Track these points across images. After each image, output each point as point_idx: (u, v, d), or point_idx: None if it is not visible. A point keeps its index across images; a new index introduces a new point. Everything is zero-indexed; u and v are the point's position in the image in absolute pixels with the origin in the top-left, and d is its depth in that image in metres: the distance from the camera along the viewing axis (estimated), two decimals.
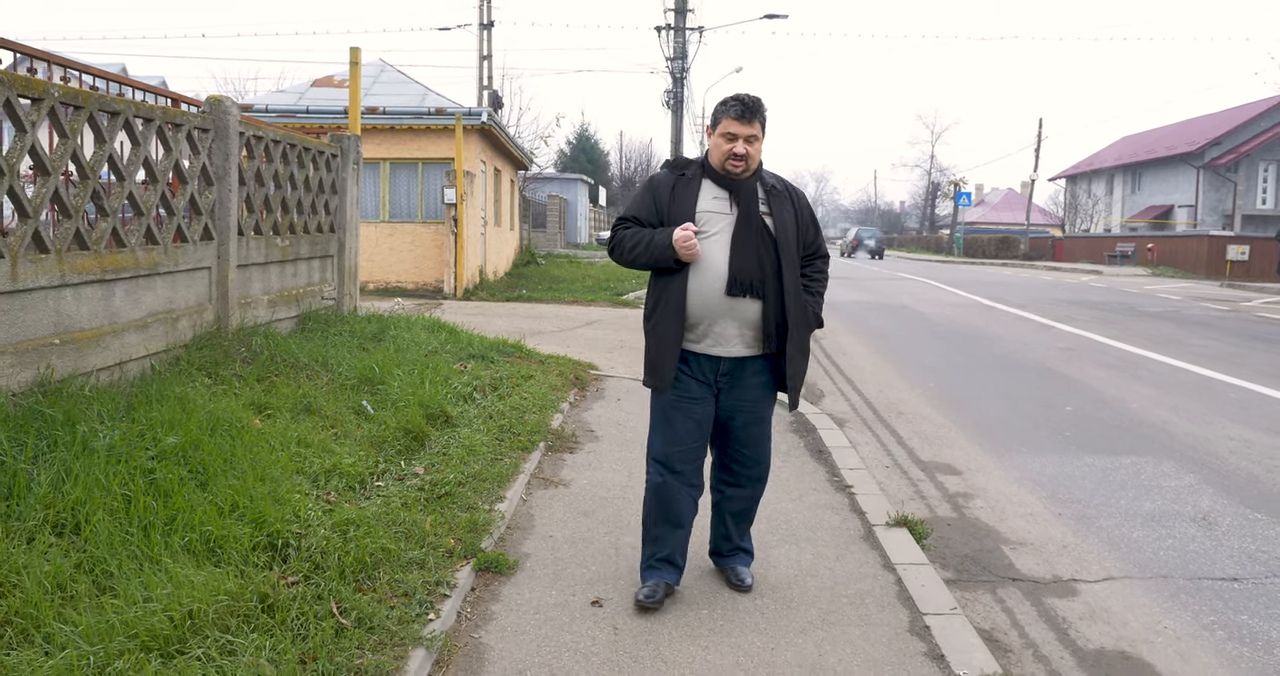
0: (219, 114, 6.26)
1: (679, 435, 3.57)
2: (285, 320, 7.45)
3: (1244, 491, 5.67)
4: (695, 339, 3.52)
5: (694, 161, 3.64)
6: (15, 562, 2.86)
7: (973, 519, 5.14)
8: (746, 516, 3.85)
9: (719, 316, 3.47)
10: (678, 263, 3.43)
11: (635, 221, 3.59)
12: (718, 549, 3.90)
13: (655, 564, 3.65)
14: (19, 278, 4.27)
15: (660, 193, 3.56)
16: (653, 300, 3.56)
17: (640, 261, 3.51)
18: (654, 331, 3.54)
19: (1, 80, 4.10)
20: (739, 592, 3.75)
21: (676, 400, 3.56)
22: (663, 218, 3.53)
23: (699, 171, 3.57)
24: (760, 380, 3.59)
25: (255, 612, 2.95)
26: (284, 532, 3.52)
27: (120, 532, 3.21)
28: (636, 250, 3.50)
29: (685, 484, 3.62)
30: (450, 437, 5.46)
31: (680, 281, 3.45)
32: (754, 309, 3.47)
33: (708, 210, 3.49)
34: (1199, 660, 3.55)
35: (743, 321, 3.48)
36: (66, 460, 3.51)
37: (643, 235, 3.51)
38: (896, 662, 3.24)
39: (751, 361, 3.56)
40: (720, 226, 3.47)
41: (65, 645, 2.56)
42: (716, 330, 3.49)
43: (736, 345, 3.51)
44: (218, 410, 4.59)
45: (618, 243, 3.60)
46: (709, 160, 3.57)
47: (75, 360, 4.66)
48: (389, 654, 2.95)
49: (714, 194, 3.52)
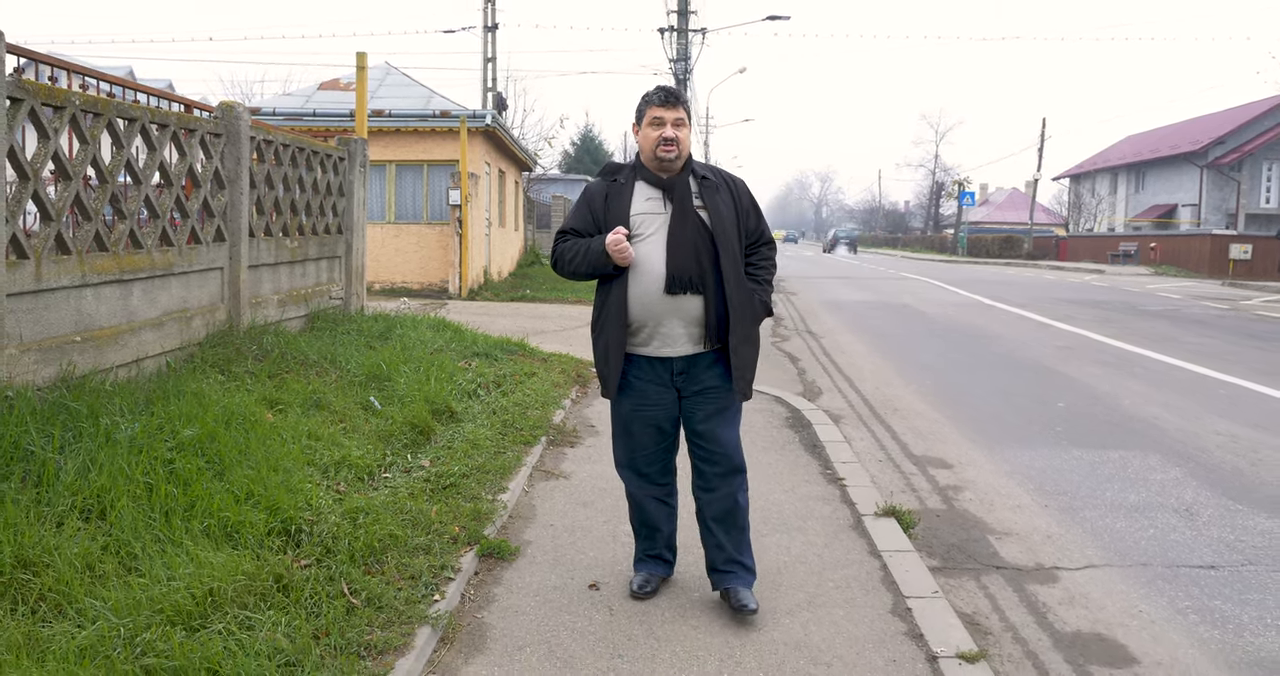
0: (231, 119, 6.46)
1: (640, 441, 3.61)
2: (295, 319, 7.64)
3: (1227, 484, 5.83)
4: (642, 342, 3.50)
5: (626, 165, 3.63)
6: (47, 544, 3.05)
7: (961, 510, 5.30)
8: (733, 520, 3.63)
9: (663, 316, 3.45)
10: (616, 268, 3.43)
11: (574, 233, 3.58)
12: (713, 563, 3.68)
13: (645, 558, 3.80)
14: (43, 278, 4.47)
15: (595, 201, 3.56)
16: (597, 309, 3.57)
17: (581, 271, 3.51)
18: (599, 339, 3.55)
19: (27, 90, 4.30)
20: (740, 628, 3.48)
21: (634, 408, 3.57)
22: (599, 226, 3.52)
23: (631, 174, 3.57)
24: (716, 373, 3.55)
25: (271, 592, 3.14)
26: (297, 519, 3.71)
27: (143, 517, 3.40)
28: (576, 261, 3.51)
29: (652, 484, 3.68)
30: (455, 432, 5.65)
31: (620, 286, 3.45)
32: (695, 304, 3.44)
33: (642, 212, 3.49)
34: (1170, 642, 3.71)
35: (686, 319, 3.46)
36: (91, 450, 3.70)
37: (580, 245, 3.51)
38: (877, 641, 3.41)
39: (702, 357, 3.53)
40: (656, 226, 3.47)
41: (96, 618, 2.75)
42: (663, 331, 3.47)
43: (684, 343, 3.49)
44: (232, 405, 4.78)
45: (558, 256, 3.60)
46: (640, 160, 3.57)
47: (95, 357, 4.85)
48: (397, 631, 3.13)
49: (647, 195, 3.51)
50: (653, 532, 3.75)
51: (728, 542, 3.64)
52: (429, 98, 17.40)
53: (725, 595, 3.63)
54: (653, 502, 3.70)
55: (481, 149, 16.78)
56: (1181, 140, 44.27)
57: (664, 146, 3.45)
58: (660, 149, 3.46)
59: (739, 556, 3.65)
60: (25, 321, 4.38)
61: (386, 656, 2.98)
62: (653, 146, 3.48)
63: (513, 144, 19.23)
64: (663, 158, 3.47)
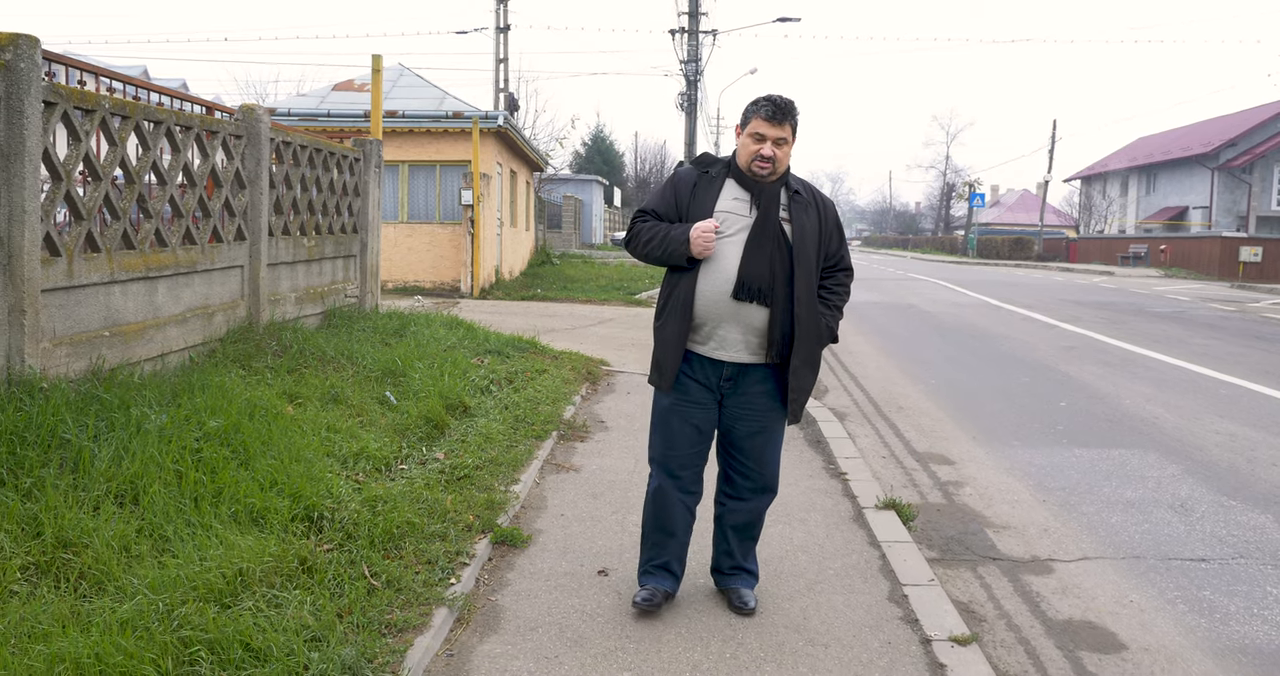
0: (251, 121, 6.64)
1: (677, 438, 3.54)
2: (311, 316, 7.83)
3: (1223, 481, 5.95)
4: (700, 340, 3.46)
5: (721, 160, 3.57)
6: (85, 526, 3.23)
7: (961, 505, 5.44)
8: (749, 531, 3.70)
9: (724, 319, 3.41)
10: (689, 261, 3.39)
11: (654, 215, 3.55)
12: (718, 565, 3.75)
13: (652, 569, 3.64)
14: (75, 274, 4.65)
15: (681, 189, 3.52)
16: (663, 299, 3.53)
17: (654, 255, 3.47)
18: (661, 329, 3.50)
19: (60, 94, 4.48)
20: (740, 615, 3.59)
21: (675, 403, 3.52)
22: (682, 214, 3.48)
23: (724, 171, 3.52)
24: (764, 389, 3.49)
25: (296, 573, 3.31)
26: (319, 506, 3.88)
27: (174, 503, 3.57)
28: (651, 244, 3.46)
29: (681, 490, 3.59)
30: (468, 426, 5.82)
31: (689, 280, 3.41)
32: (760, 315, 3.39)
33: (726, 210, 3.44)
34: (1158, 629, 3.85)
35: (747, 327, 3.41)
36: (123, 439, 3.88)
37: (659, 229, 3.46)
38: (874, 625, 3.56)
39: (755, 369, 3.47)
40: (737, 228, 3.42)
41: (135, 594, 2.92)
42: (720, 333, 3.43)
43: (740, 350, 3.44)
44: (254, 398, 4.96)
45: (634, 235, 3.56)
46: (736, 160, 3.51)
47: (123, 351, 5.04)
48: (415, 611, 3.30)
49: (735, 195, 3.46)
50: (666, 539, 3.61)
51: (739, 551, 3.70)
52: (442, 99, 17.59)
53: (727, 594, 3.70)
54: (679, 505, 3.59)
55: (494, 149, 16.96)
56: (1192, 142, 44.20)
57: (759, 163, 3.40)
58: (755, 164, 3.41)
59: (745, 563, 3.72)
60: (58, 317, 4.56)
61: (406, 634, 3.14)
62: (749, 159, 3.43)
63: (524, 144, 19.42)
64: (757, 173, 3.42)
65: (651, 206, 3.58)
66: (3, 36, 4.12)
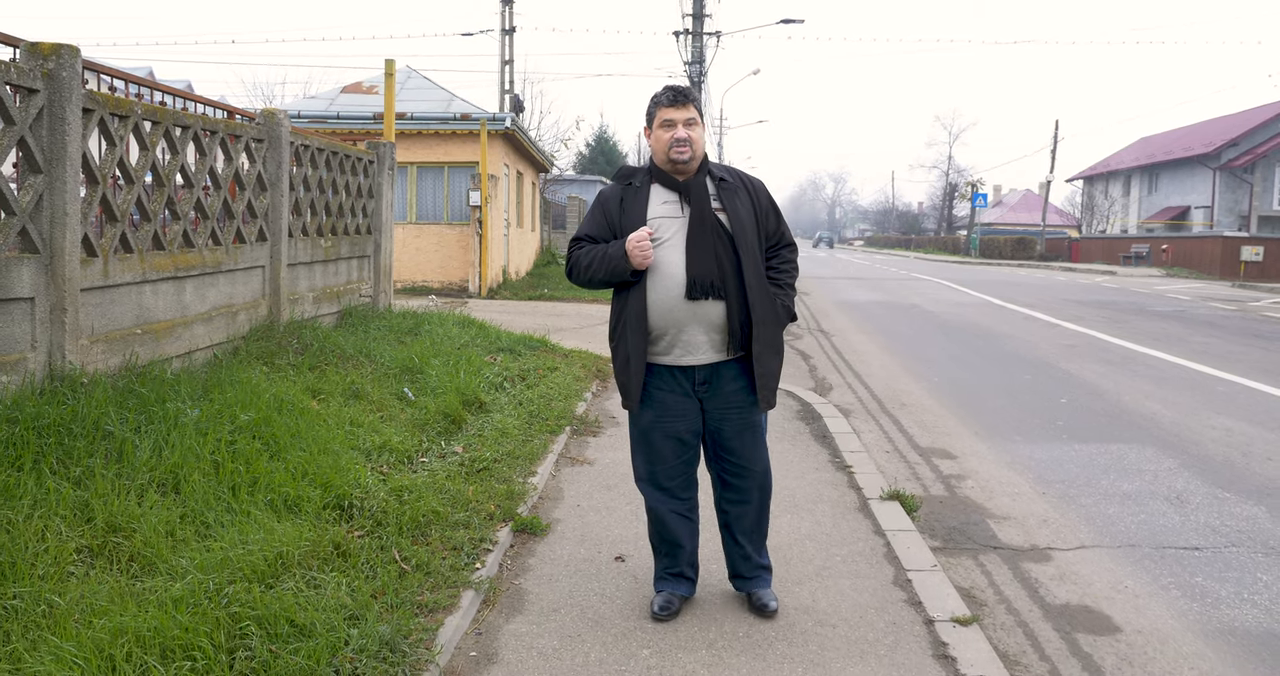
0: (272, 126, 6.83)
1: (661, 454, 3.50)
2: (328, 315, 8.02)
3: (1218, 474, 6.11)
4: (663, 351, 3.41)
5: (641, 169, 3.54)
6: (133, 512, 3.41)
7: (963, 497, 5.61)
8: (759, 529, 3.69)
9: (684, 323, 3.36)
10: (634, 274, 3.34)
11: (589, 240, 3.49)
12: (738, 572, 3.71)
13: (667, 576, 3.63)
14: (110, 274, 4.84)
15: (610, 206, 3.47)
16: (615, 318, 3.48)
17: (598, 278, 3.41)
18: (617, 349, 3.46)
19: (97, 101, 4.67)
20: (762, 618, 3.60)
21: (655, 420, 3.46)
22: (615, 231, 3.43)
23: (647, 178, 3.48)
24: (740, 385, 3.46)
25: (331, 557, 3.49)
26: (349, 495, 4.06)
27: (213, 491, 3.76)
28: (593, 267, 3.40)
29: (674, 499, 3.56)
30: (485, 421, 6.00)
31: (639, 292, 3.35)
32: (718, 310, 3.36)
33: (659, 216, 3.40)
34: (1151, 612, 4.02)
35: (708, 325, 3.37)
36: (162, 431, 4.07)
37: (595, 252, 3.41)
38: (878, 607, 3.74)
39: (726, 367, 3.44)
40: (674, 230, 3.38)
41: (185, 574, 3.10)
42: (684, 339, 3.38)
43: (706, 351, 3.40)
44: (280, 393, 5.14)
45: (573, 264, 3.49)
46: (655, 164, 3.48)
47: (154, 348, 5.22)
48: (444, 593, 3.48)
49: (664, 198, 3.43)
50: (674, 549, 3.60)
51: (753, 552, 3.68)
52: (449, 101, 17.78)
53: (749, 597, 3.68)
54: (675, 517, 3.57)
55: (500, 151, 17.15)
56: (1194, 142, 44.31)
57: (677, 148, 3.37)
58: (673, 150, 3.38)
59: (761, 560, 3.71)
60: (94, 315, 4.75)
61: (437, 614, 3.33)
62: (665, 148, 3.40)
63: (530, 146, 19.61)
64: (676, 159, 3.39)
65: (585, 232, 3.52)
66: (45, 46, 4.30)
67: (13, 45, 4.31)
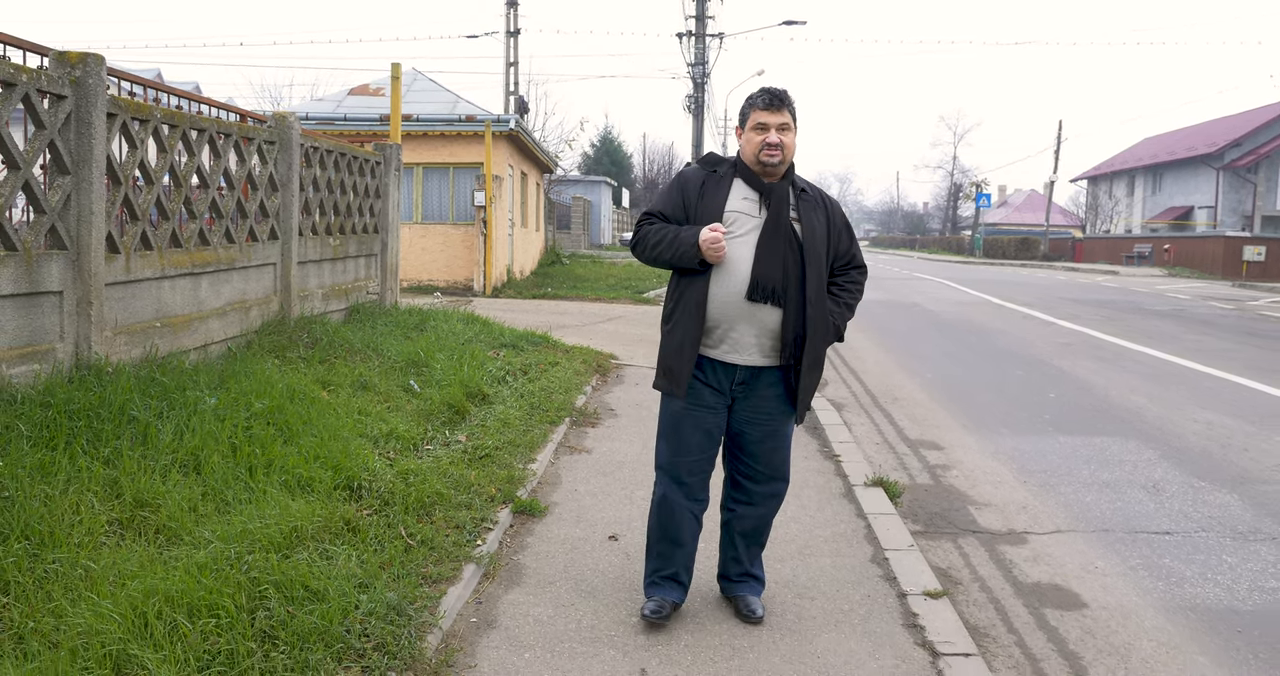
0: (283, 128, 7.09)
1: (688, 444, 3.47)
2: (336, 312, 8.28)
3: (1196, 465, 6.33)
4: (712, 344, 3.40)
5: (727, 160, 3.52)
6: (158, 489, 3.67)
7: (947, 485, 5.84)
8: (758, 536, 3.66)
9: (737, 321, 3.35)
10: (701, 264, 3.32)
11: (661, 217, 3.47)
12: (725, 572, 3.71)
13: (659, 581, 3.57)
14: (131, 270, 5.10)
15: (689, 189, 3.44)
16: (672, 301, 3.45)
17: (663, 259, 3.38)
18: (671, 333, 3.43)
19: (120, 106, 4.93)
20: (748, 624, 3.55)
21: (688, 408, 3.45)
22: (690, 215, 3.41)
23: (731, 170, 3.46)
24: (776, 393, 3.45)
25: (342, 531, 3.74)
26: (358, 477, 4.31)
27: (231, 472, 4.01)
28: (660, 247, 3.37)
29: (689, 497, 3.53)
30: (487, 412, 6.25)
31: (701, 283, 3.34)
32: (774, 316, 3.34)
33: (736, 210, 3.38)
34: (1118, 590, 4.24)
35: (761, 329, 3.36)
36: (183, 417, 4.32)
37: (667, 232, 3.37)
38: (855, 581, 3.98)
39: (768, 372, 3.42)
40: (748, 228, 3.36)
41: (208, 544, 3.35)
42: (734, 336, 3.37)
43: (753, 353, 3.38)
44: (292, 383, 5.39)
45: (641, 238, 3.47)
46: (742, 159, 3.46)
47: (172, 341, 5.48)
48: (447, 566, 3.72)
49: (744, 194, 3.41)
50: (673, 549, 3.55)
51: (746, 557, 3.66)
52: (455, 102, 18.05)
53: (734, 601, 3.65)
54: (685, 514, 3.54)
55: (505, 152, 17.41)
56: (1198, 142, 44.41)
57: (768, 151, 3.34)
58: (764, 153, 3.34)
59: (753, 569, 3.68)
60: (117, 308, 5.01)
61: (440, 585, 3.57)
62: (756, 150, 3.36)
63: (535, 147, 19.87)
64: (766, 162, 3.36)
65: (659, 208, 3.50)
66: (73, 55, 4.56)
67: (42, 54, 4.57)
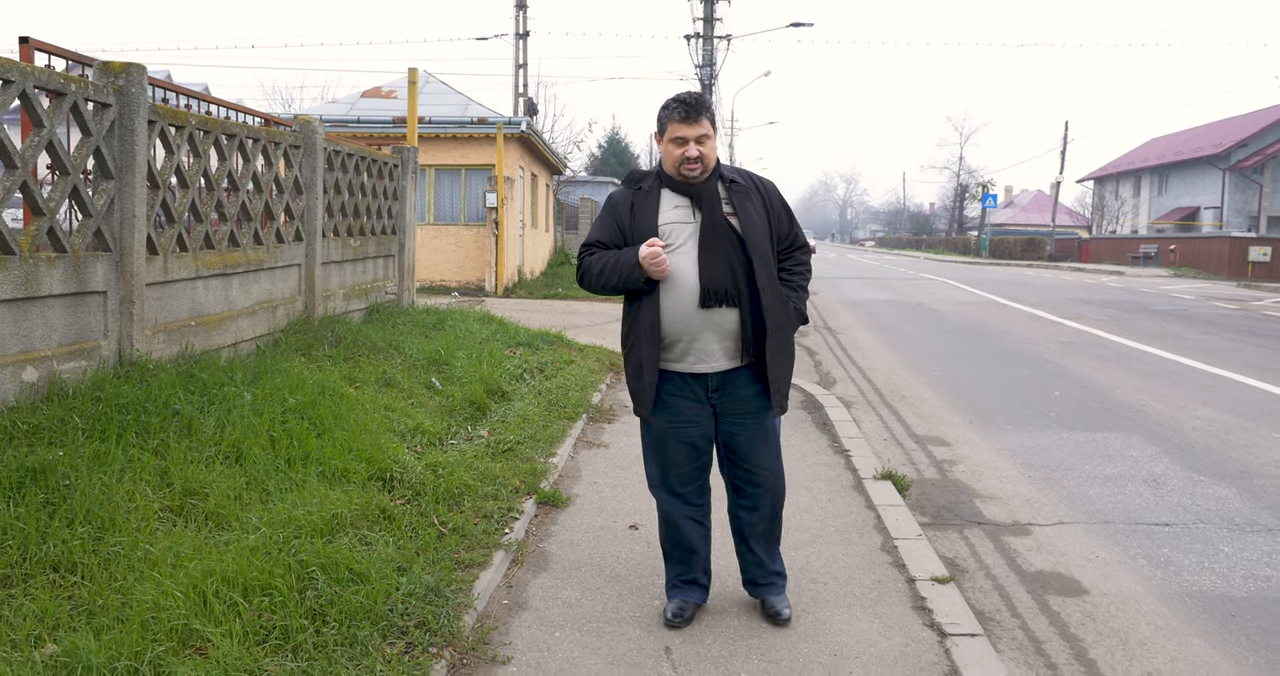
0: (308, 133, 7.29)
1: (675, 460, 3.49)
2: (357, 311, 8.49)
3: (1196, 460, 6.50)
4: (675, 358, 3.38)
5: (650, 173, 3.48)
6: (205, 478, 3.87)
7: (954, 479, 6.02)
8: (772, 534, 3.66)
9: (697, 331, 3.32)
10: (648, 282, 3.29)
11: (600, 245, 3.43)
12: (752, 578, 3.69)
13: (680, 584, 3.61)
14: (169, 271, 5.31)
15: (620, 211, 3.42)
16: (628, 324, 3.42)
17: (611, 285, 3.35)
18: (629, 357, 3.41)
19: (158, 113, 5.14)
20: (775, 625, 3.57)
21: (669, 426, 3.44)
22: (626, 237, 3.38)
23: (656, 182, 3.42)
24: (753, 391, 3.43)
25: (378, 519, 3.94)
26: (389, 469, 4.52)
27: (271, 463, 4.22)
28: (605, 275, 3.34)
29: (688, 504, 3.56)
30: (507, 409, 6.45)
31: (652, 301, 3.31)
32: (731, 318, 3.32)
33: (671, 221, 3.35)
34: (1117, 578, 4.42)
35: (722, 333, 3.34)
36: (223, 411, 4.53)
37: (608, 258, 3.34)
38: (865, 568, 4.17)
39: (738, 373, 3.41)
40: (686, 236, 3.33)
41: (256, 529, 3.56)
42: (697, 346, 3.35)
43: (719, 358, 3.37)
44: (321, 380, 5.60)
45: (585, 270, 3.44)
46: (664, 169, 3.42)
47: (205, 339, 5.69)
48: (478, 553, 3.92)
49: (675, 203, 3.37)
50: (688, 555, 3.59)
51: (767, 558, 3.65)
52: (466, 105, 18.27)
53: (762, 604, 3.66)
54: (688, 524, 3.56)
55: (516, 154, 17.62)
56: (1204, 143, 44.48)
57: (688, 165, 3.32)
58: (684, 168, 3.33)
59: (774, 566, 3.68)
60: (156, 307, 5.22)
61: (472, 569, 3.77)
62: (676, 164, 3.34)
63: (545, 148, 20.08)
64: (688, 176, 3.35)
65: (595, 238, 3.46)
66: (116, 65, 4.77)
67: (86, 64, 4.78)
